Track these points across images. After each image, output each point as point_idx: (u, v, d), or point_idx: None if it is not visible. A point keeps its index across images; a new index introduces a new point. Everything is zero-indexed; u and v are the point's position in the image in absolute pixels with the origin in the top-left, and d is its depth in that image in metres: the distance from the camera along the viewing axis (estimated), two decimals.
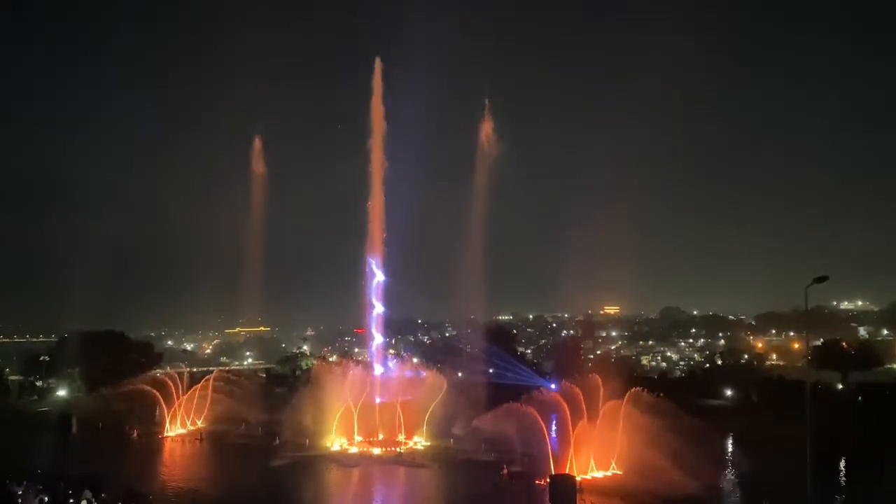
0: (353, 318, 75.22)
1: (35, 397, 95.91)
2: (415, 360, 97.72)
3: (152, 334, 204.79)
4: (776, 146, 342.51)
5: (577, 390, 49.57)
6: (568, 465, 44.81)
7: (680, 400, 56.17)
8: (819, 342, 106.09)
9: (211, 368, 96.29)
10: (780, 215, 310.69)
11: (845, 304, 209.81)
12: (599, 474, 46.63)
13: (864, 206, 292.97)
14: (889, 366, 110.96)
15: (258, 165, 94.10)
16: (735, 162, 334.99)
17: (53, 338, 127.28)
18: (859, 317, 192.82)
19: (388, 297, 71.81)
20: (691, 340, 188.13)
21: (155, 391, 68.20)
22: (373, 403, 63.88)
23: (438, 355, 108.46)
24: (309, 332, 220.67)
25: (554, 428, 49.36)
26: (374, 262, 70.37)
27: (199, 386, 72.06)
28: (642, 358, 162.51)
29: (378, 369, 70.13)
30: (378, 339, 70.96)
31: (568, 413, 47.67)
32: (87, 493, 27.83)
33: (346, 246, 70.96)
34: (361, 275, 70.61)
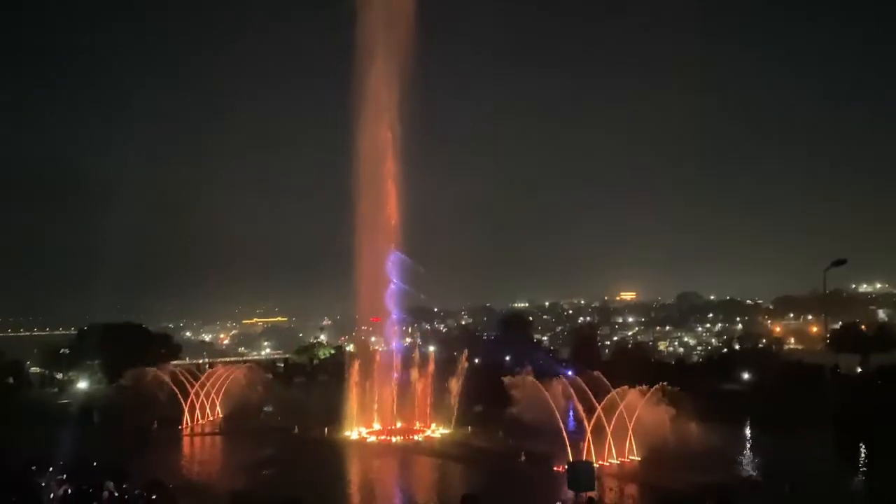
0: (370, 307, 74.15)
1: (56, 389, 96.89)
2: (431, 348, 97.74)
3: (171, 326, 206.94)
4: (792, 132, 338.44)
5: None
6: (585, 452, 44.72)
7: (698, 385, 55.83)
8: (838, 325, 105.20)
9: (229, 359, 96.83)
10: (798, 198, 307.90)
11: (864, 287, 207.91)
12: (617, 461, 46.52)
13: (882, 187, 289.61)
14: None
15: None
16: (751, 146, 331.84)
17: (73, 331, 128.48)
18: (878, 299, 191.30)
19: (405, 280, 70.63)
20: (708, 325, 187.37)
21: (171, 384, 68.34)
22: (391, 384, 64.06)
23: (454, 343, 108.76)
24: (326, 322, 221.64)
25: (571, 414, 49.29)
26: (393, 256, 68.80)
27: (213, 374, 72.72)
28: (660, 344, 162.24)
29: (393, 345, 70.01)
30: (394, 315, 70.45)
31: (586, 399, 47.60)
32: (110, 484, 27.97)
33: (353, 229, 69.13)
34: (377, 263, 69.34)
